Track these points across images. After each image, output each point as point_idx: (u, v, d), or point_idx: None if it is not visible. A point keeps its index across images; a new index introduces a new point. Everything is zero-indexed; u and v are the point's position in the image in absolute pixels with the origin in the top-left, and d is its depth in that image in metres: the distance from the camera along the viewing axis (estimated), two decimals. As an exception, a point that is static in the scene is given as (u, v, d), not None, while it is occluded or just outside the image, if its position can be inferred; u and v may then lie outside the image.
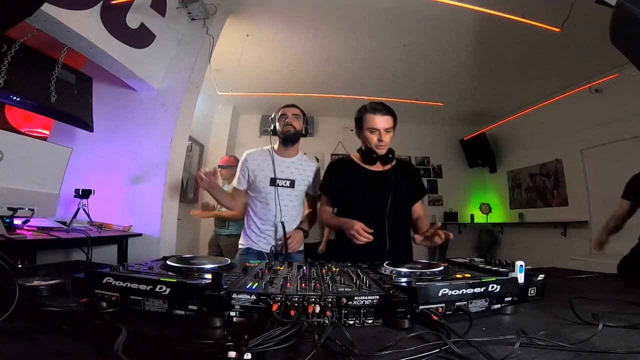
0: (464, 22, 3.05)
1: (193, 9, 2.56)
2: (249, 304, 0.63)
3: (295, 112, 1.75)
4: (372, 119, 1.45)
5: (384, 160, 1.52)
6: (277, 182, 1.70)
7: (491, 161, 5.72)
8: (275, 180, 1.70)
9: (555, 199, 4.59)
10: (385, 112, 1.45)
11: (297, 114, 1.75)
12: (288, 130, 1.70)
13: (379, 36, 3.36)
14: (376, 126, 1.45)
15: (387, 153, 1.51)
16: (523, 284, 0.81)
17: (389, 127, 1.46)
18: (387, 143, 1.48)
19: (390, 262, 0.94)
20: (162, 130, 2.37)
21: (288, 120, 1.71)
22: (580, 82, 3.82)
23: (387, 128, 1.46)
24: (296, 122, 1.73)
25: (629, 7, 0.92)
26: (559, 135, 4.46)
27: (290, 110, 1.75)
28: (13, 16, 0.95)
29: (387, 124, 1.45)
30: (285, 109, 1.76)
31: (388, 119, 1.45)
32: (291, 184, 1.72)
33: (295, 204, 1.74)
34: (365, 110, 1.48)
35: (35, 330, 0.56)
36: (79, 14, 1.81)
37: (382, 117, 1.44)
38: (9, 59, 1.70)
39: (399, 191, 1.50)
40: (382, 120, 1.44)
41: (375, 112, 1.45)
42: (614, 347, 0.53)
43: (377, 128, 1.45)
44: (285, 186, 1.71)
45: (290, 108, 1.76)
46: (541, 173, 4.83)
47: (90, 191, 2.08)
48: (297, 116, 1.74)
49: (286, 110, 1.75)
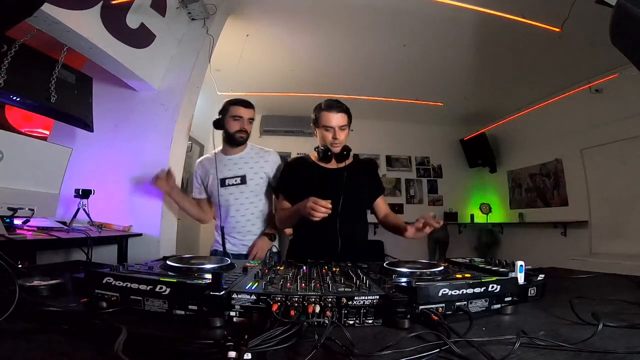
0: (464, 22, 3.05)
1: (193, 9, 2.56)
2: (249, 304, 0.63)
3: (252, 114, 1.66)
4: (327, 117, 1.45)
5: (340, 158, 1.51)
6: (227, 181, 1.64)
7: (491, 161, 5.72)
8: (224, 181, 1.64)
9: (555, 199, 4.59)
10: (339, 110, 1.45)
11: (252, 117, 1.67)
12: (241, 137, 1.64)
13: (379, 36, 3.36)
14: (330, 124, 1.44)
15: (342, 150, 1.50)
16: (523, 284, 0.81)
17: (344, 125, 1.46)
18: (341, 140, 1.47)
19: (390, 262, 0.94)
20: (162, 130, 2.37)
21: (243, 126, 1.63)
22: (580, 82, 3.82)
23: (342, 125, 1.45)
24: (250, 126, 1.66)
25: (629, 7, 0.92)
26: (559, 135, 4.46)
27: (247, 113, 1.64)
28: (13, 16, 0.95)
29: (342, 122, 1.45)
30: (241, 110, 1.63)
31: (342, 116, 1.45)
32: (242, 180, 1.64)
33: (253, 201, 1.66)
34: (320, 108, 1.48)
35: (36, 330, 0.56)
36: (79, 14, 1.80)
37: (336, 115, 1.44)
38: (9, 59, 1.69)
39: (353, 189, 1.48)
40: (336, 117, 1.44)
41: (330, 109, 1.44)
42: (614, 347, 0.53)
43: (331, 126, 1.44)
44: (236, 184, 1.64)
45: (247, 110, 1.64)
46: (541, 173, 4.83)
47: (90, 191, 2.08)
48: (252, 120, 1.67)
49: (242, 112, 1.63)
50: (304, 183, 1.49)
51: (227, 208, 1.66)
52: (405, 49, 3.53)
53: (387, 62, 3.86)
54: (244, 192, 1.65)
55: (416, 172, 5.93)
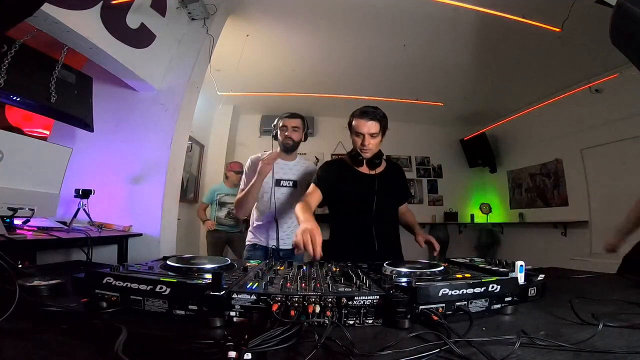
0: (464, 22, 3.05)
1: (193, 9, 2.56)
2: (249, 304, 0.63)
3: (295, 124, 1.82)
4: (358, 123, 1.47)
5: (371, 164, 1.55)
6: (282, 182, 1.83)
7: (491, 161, 5.72)
8: (279, 182, 1.82)
9: (555, 199, 4.59)
10: (371, 118, 1.45)
11: (296, 126, 1.82)
12: (287, 143, 1.82)
13: (379, 36, 3.36)
14: (361, 130, 1.46)
15: (374, 157, 1.53)
16: (523, 284, 0.81)
17: (375, 133, 1.47)
18: (371, 148, 1.49)
19: (390, 262, 0.94)
20: (162, 130, 2.37)
21: (287, 134, 1.80)
22: (580, 82, 3.82)
23: (373, 133, 1.46)
24: (295, 134, 1.82)
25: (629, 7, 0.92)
26: (559, 135, 4.46)
27: (290, 123, 1.82)
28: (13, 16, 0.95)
29: (373, 129, 1.46)
30: (286, 121, 1.82)
31: (373, 124, 1.46)
32: (294, 185, 1.83)
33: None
34: (354, 114, 1.51)
35: (36, 330, 0.56)
36: (79, 14, 1.81)
37: (368, 122, 1.45)
38: (9, 59, 1.70)
39: (386, 195, 1.54)
40: (367, 125, 1.45)
41: (362, 116, 1.46)
42: (614, 347, 0.53)
43: (361, 132, 1.46)
44: (289, 186, 1.83)
45: (290, 120, 1.82)
46: (541, 173, 4.83)
47: (90, 191, 2.08)
48: (296, 129, 1.82)
49: (287, 122, 1.82)
50: (339, 183, 1.54)
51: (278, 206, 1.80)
52: (405, 49, 3.52)
53: (387, 62, 3.86)
54: (293, 195, 1.82)
55: (416, 172, 5.93)
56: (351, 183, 1.55)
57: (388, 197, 1.56)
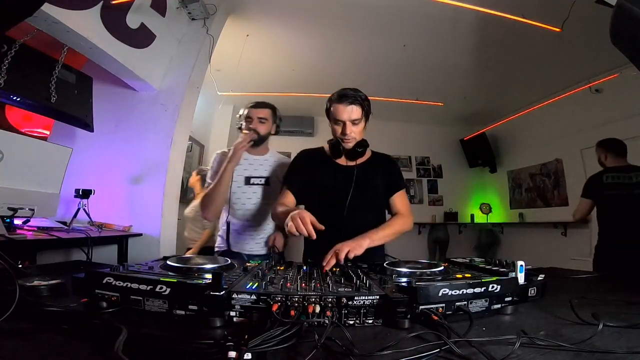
0: (464, 22, 3.05)
1: (193, 9, 2.56)
2: (249, 304, 0.63)
3: (262, 114, 1.62)
4: (337, 109, 1.28)
5: (351, 155, 1.34)
6: (252, 180, 1.64)
7: (491, 161, 5.72)
8: (249, 179, 1.63)
9: (555, 199, 4.59)
10: (351, 102, 1.26)
11: (263, 117, 1.62)
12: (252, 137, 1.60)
13: (379, 36, 3.36)
14: (340, 117, 1.28)
15: (356, 146, 1.32)
16: (523, 284, 0.81)
17: (357, 119, 1.28)
18: (353, 136, 1.30)
19: (390, 262, 0.94)
20: (162, 130, 2.37)
21: (253, 126, 1.60)
22: (580, 82, 3.82)
23: (354, 120, 1.28)
24: (261, 126, 1.61)
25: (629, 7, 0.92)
26: (559, 135, 4.46)
27: (257, 113, 1.61)
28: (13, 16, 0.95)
29: (354, 115, 1.27)
30: (252, 111, 1.62)
31: (354, 109, 1.27)
32: (266, 182, 1.65)
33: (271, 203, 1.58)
34: (331, 99, 1.32)
35: (36, 330, 0.56)
36: (79, 14, 1.81)
37: (347, 107, 1.26)
38: (9, 59, 1.70)
39: (364, 190, 1.34)
40: (347, 110, 1.26)
41: (341, 100, 1.27)
42: (614, 347, 0.53)
43: (341, 119, 1.28)
44: (260, 184, 1.64)
45: (257, 110, 1.62)
46: (541, 173, 4.83)
47: (90, 191, 2.08)
48: (263, 120, 1.62)
49: (252, 113, 1.61)
50: (311, 178, 1.37)
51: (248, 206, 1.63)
52: (405, 49, 3.53)
53: (387, 62, 3.86)
54: (266, 193, 1.64)
55: (416, 172, 5.93)
56: (324, 177, 1.37)
57: (368, 191, 1.35)
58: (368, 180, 1.36)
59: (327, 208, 1.31)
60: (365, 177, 1.35)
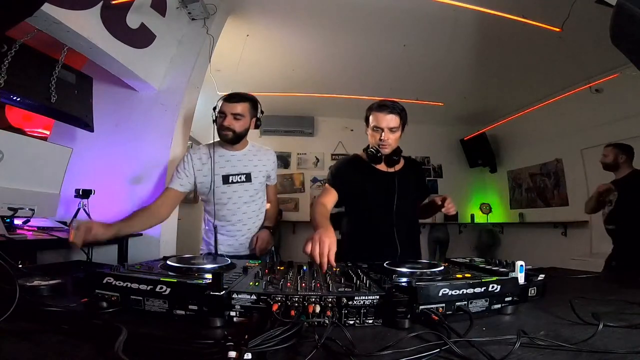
0: (464, 22, 3.05)
1: (193, 9, 2.56)
2: (249, 304, 0.63)
3: (238, 110, 1.44)
4: (376, 117, 1.40)
5: (389, 161, 1.46)
6: (231, 178, 1.53)
7: (491, 161, 5.72)
8: (228, 178, 1.52)
9: (555, 199, 4.59)
10: (390, 111, 1.38)
11: (239, 113, 1.44)
12: (226, 134, 1.46)
13: (379, 36, 3.36)
14: (380, 125, 1.39)
15: (393, 154, 1.46)
16: (523, 284, 0.81)
17: (394, 127, 1.39)
18: (390, 143, 1.42)
19: (390, 262, 0.94)
20: (162, 130, 2.37)
21: (226, 123, 1.44)
22: (580, 82, 3.82)
23: (392, 127, 1.39)
24: (237, 123, 1.45)
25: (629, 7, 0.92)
26: (559, 135, 4.46)
27: (230, 109, 1.44)
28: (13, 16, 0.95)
29: (392, 123, 1.39)
30: (225, 105, 1.44)
31: (393, 117, 1.38)
32: (247, 178, 1.55)
33: (255, 199, 1.60)
34: (371, 108, 1.43)
35: (36, 330, 0.56)
36: (79, 14, 1.81)
37: (387, 116, 1.38)
38: (9, 59, 1.69)
39: (406, 194, 1.46)
40: (387, 119, 1.38)
41: (381, 110, 1.39)
42: (614, 347, 0.53)
43: (380, 127, 1.39)
44: (241, 181, 1.54)
45: (231, 105, 1.44)
46: (541, 173, 4.83)
47: (90, 191, 2.08)
48: (238, 117, 1.45)
49: (226, 108, 1.44)
50: (356, 182, 1.46)
51: (229, 206, 1.55)
52: (405, 49, 3.52)
53: (387, 62, 3.86)
54: (248, 190, 1.55)
55: (416, 172, 5.93)
56: (369, 182, 1.46)
57: (408, 196, 1.47)
58: (407, 186, 1.48)
59: (374, 211, 1.44)
60: (405, 182, 1.47)
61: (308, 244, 0.93)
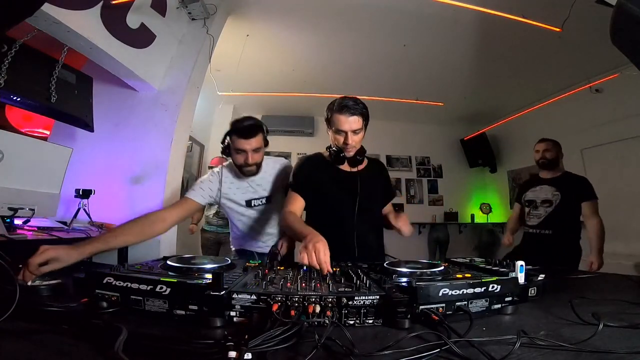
0: (464, 22, 3.05)
1: (193, 9, 2.56)
2: (249, 304, 0.63)
3: (255, 145, 1.43)
4: (338, 120, 1.30)
5: (353, 162, 1.40)
6: (253, 202, 1.58)
7: (491, 161, 5.72)
8: (250, 202, 1.58)
9: (555, 198, 4.59)
10: (352, 112, 1.28)
11: (257, 147, 1.44)
12: (250, 170, 1.47)
13: (379, 36, 3.36)
14: (342, 128, 1.30)
15: (356, 154, 1.38)
16: (523, 284, 0.81)
17: (357, 129, 1.31)
18: (355, 145, 1.35)
19: (391, 262, 0.94)
20: (162, 130, 2.37)
21: (248, 159, 1.43)
22: (580, 82, 3.82)
23: (355, 130, 1.30)
24: (258, 155, 1.46)
25: (629, 7, 0.92)
26: (559, 135, 4.42)
27: (249, 145, 1.41)
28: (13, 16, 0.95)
29: (355, 125, 1.30)
30: (242, 143, 1.41)
31: (356, 119, 1.29)
32: (267, 200, 1.60)
33: (274, 214, 1.64)
34: (332, 109, 1.33)
35: (36, 330, 0.56)
36: (79, 14, 1.81)
37: (349, 118, 1.28)
38: (9, 59, 1.69)
39: (369, 195, 1.42)
40: (349, 121, 1.29)
41: (343, 112, 1.28)
42: (614, 347, 0.53)
43: (343, 130, 1.30)
44: (262, 204, 1.60)
45: (249, 141, 1.41)
46: (541, 173, 4.82)
47: (90, 191, 2.08)
48: (257, 150, 1.45)
49: (244, 145, 1.41)
50: (319, 184, 1.41)
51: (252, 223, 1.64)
52: (405, 49, 3.52)
53: (387, 62, 3.86)
54: (270, 210, 1.62)
55: (416, 172, 5.92)
56: (332, 183, 1.42)
57: (371, 197, 1.44)
58: (371, 186, 1.45)
59: (335, 213, 1.40)
60: (368, 182, 1.44)
61: (303, 255, 0.89)
